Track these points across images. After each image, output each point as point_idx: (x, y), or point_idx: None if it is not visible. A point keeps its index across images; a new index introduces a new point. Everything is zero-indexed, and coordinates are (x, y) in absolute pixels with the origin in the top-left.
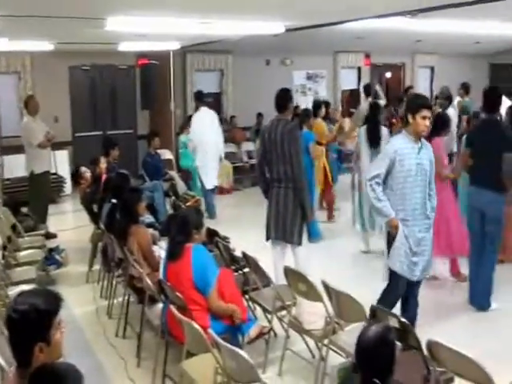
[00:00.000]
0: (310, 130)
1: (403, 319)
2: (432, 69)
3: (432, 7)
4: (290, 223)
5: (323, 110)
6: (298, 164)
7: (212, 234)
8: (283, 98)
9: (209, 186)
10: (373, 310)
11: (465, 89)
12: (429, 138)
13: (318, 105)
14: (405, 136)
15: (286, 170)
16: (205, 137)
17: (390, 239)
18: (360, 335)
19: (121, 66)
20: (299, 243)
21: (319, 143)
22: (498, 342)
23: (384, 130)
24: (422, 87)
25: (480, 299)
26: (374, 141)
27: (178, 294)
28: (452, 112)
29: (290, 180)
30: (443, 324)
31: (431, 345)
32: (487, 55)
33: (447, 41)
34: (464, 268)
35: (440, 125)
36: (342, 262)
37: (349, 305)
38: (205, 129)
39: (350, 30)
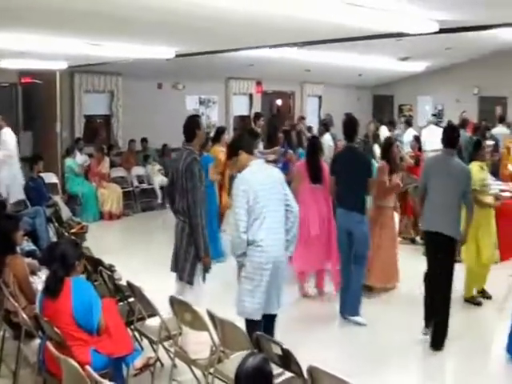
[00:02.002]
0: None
1: (285, 346)
2: (320, 98)
3: (315, 41)
4: (182, 259)
5: (226, 136)
6: (192, 200)
7: (96, 262)
8: (190, 125)
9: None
10: (256, 337)
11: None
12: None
13: (221, 131)
14: None
15: (183, 204)
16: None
17: None
18: (238, 366)
19: (2, 83)
20: (189, 282)
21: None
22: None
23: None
24: (310, 115)
25: (349, 310)
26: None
27: (55, 329)
28: (327, 138)
29: (186, 215)
30: (318, 341)
31: (312, 370)
32: (370, 87)
33: (333, 72)
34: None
35: (316, 149)
36: None
37: (233, 333)
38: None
39: (241, 57)
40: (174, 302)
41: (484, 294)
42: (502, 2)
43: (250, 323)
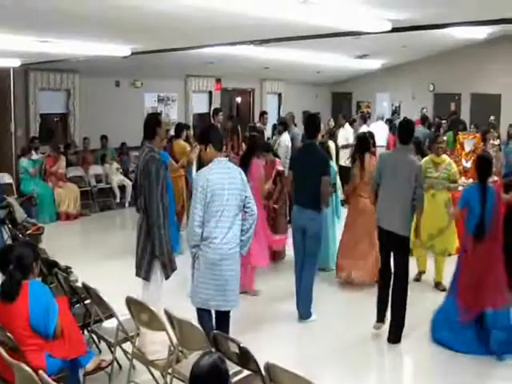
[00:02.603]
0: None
1: (243, 344)
2: (280, 95)
3: (271, 39)
4: (139, 256)
5: (185, 132)
6: (149, 198)
7: (52, 264)
8: (150, 124)
9: None
10: (214, 336)
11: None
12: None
13: (180, 127)
14: None
15: (141, 202)
16: None
17: None
18: (193, 365)
19: None
20: (145, 278)
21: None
22: (317, 349)
23: None
24: (270, 112)
25: (301, 309)
26: None
27: (8, 334)
28: (285, 137)
29: (144, 212)
30: (275, 339)
31: (269, 367)
32: (329, 84)
33: (292, 69)
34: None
35: (254, 148)
36: None
37: (191, 333)
38: None
39: (200, 54)
40: (130, 302)
41: (438, 286)
42: (453, 2)
43: (201, 312)
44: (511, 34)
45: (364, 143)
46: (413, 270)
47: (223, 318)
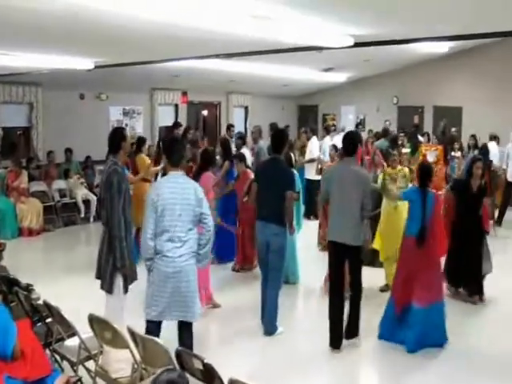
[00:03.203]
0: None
1: (206, 360)
2: (246, 108)
3: (236, 53)
4: (102, 268)
5: (147, 146)
6: (111, 211)
7: (12, 282)
8: (115, 137)
9: None
10: (177, 353)
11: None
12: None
13: (142, 140)
14: None
15: (103, 214)
16: None
17: None
18: (152, 382)
19: None
20: (108, 291)
21: (145, 179)
22: (283, 362)
23: None
24: (237, 125)
25: (267, 325)
26: None
27: None
28: (244, 151)
29: (106, 225)
30: (240, 353)
31: (233, 383)
32: (295, 97)
33: (259, 82)
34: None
35: (207, 161)
36: None
37: (154, 350)
38: None
39: (166, 68)
40: (93, 320)
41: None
42: (415, 18)
43: (151, 326)
44: (472, 47)
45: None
46: (379, 280)
47: (186, 330)
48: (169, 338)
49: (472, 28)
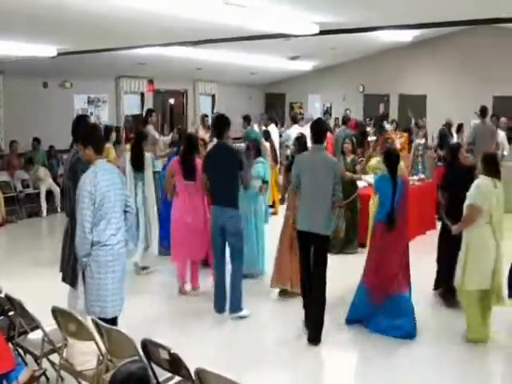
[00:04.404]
0: None
1: (173, 351)
2: (213, 96)
3: (203, 40)
4: (66, 260)
5: (113, 134)
6: (73, 201)
7: None
8: (77, 126)
9: None
10: (143, 343)
11: (247, 120)
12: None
13: (109, 129)
14: None
15: (66, 204)
16: None
17: None
18: (112, 374)
19: None
20: (71, 284)
21: None
22: (249, 349)
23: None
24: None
25: (232, 308)
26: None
27: None
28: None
29: (69, 216)
30: (206, 341)
31: (200, 373)
32: (263, 85)
33: (225, 70)
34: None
35: (190, 146)
36: None
37: (120, 341)
38: None
39: (132, 55)
40: (57, 312)
41: None
42: (379, 6)
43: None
44: (436, 36)
45: (303, 144)
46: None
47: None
48: (134, 327)
49: (434, 17)
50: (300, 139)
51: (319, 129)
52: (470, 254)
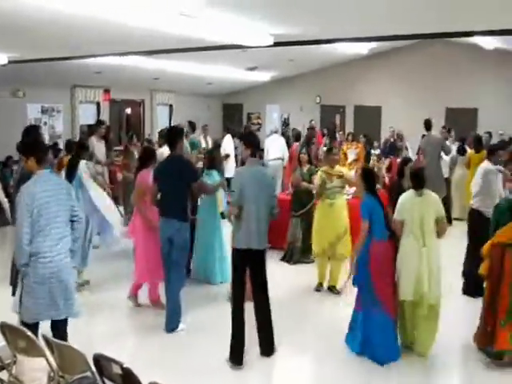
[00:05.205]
0: None
1: (126, 365)
2: (171, 106)
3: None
4: (14, 273)
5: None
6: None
7: None
8: (26, 137)
9: None
10: (96, 358)
11: (192, 127)
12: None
13: (70, 145)
14: None
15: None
16: None
17: None
18: None
19: None
20: (13, 293)
21: None
22: (190, 358)
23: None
24: (161, 124)
25: (168, 322)
26: None
27: None
28: (166, 150)
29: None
30: (158, 354)
31: None
32: (221, 95)
33: (183, 80)
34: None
35: (146, 158)
36: None
37: (71, 357)
38: None
39: (88, 64)
40: (5, 328)
41: (334, 289)
42: (333, 19)
43: (29, 327)
44: (391, 49)
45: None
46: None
47: (60, 328)
48: (85, 342)
49: (389, 30)
50: None
51: (256, 141)
52: (398, 265)
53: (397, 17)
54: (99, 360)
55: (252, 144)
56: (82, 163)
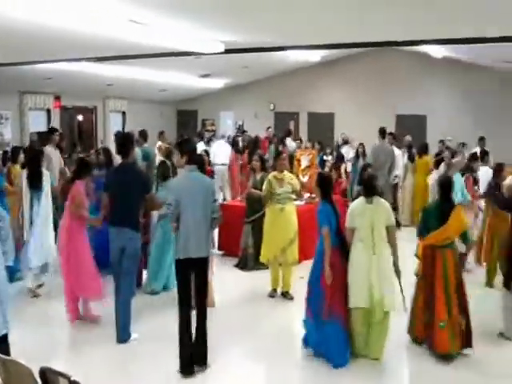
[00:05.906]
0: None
1: (73, 378)
2: (124, 113)
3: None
4: None
5: (22, 156)
6: None
7: None
8: None
9: None
10: (42, 371)
11: (143, 136)
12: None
13: (17, 151)
14: None
15: None
16: None
17: None
18: None
19: None
20: None
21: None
22: (142, 369)
23: None
24: (113, 131)
25: (120, 332)
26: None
27: None
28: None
29: None
30: (106, 364)
31: None
32: (175, 102)
33: (136, 87)
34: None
35: (81, 169)
36: None
37: (17, 371)
38: None
39: (37, 70)
40: None
41: (287, 295)
42: (285, 28)
43: None
44: (343, 57)
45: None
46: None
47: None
48: (31, 356)
49: (339, 38)
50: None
51: (191, 148)
52: (349, 273)
53: (348, 25)
54: (46, 373)
55: (187, 151)
56: (47, 174)
